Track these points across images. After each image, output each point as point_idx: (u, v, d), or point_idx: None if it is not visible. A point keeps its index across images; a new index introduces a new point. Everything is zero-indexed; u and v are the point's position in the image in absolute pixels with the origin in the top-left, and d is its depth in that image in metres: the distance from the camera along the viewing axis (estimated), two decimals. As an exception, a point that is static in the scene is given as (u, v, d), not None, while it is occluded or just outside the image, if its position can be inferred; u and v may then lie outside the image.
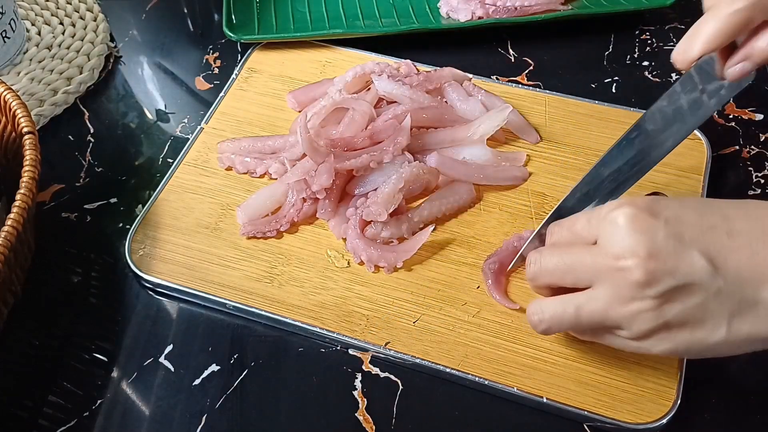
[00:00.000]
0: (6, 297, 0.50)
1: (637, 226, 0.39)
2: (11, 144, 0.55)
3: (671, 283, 0.38)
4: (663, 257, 0.38)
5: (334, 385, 0.49)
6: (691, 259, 0.38)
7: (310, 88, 0.65)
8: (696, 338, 0.40)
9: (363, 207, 0.54)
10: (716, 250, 0.39)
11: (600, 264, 0.40)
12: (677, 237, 0.39)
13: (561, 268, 0.43)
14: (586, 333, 0.45)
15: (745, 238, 0.39)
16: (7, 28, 0.67)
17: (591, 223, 0.42)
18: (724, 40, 0.46)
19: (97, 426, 0.48)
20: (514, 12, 0.71)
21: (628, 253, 0.39)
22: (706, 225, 0.39)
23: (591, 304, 0.41)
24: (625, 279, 0.39)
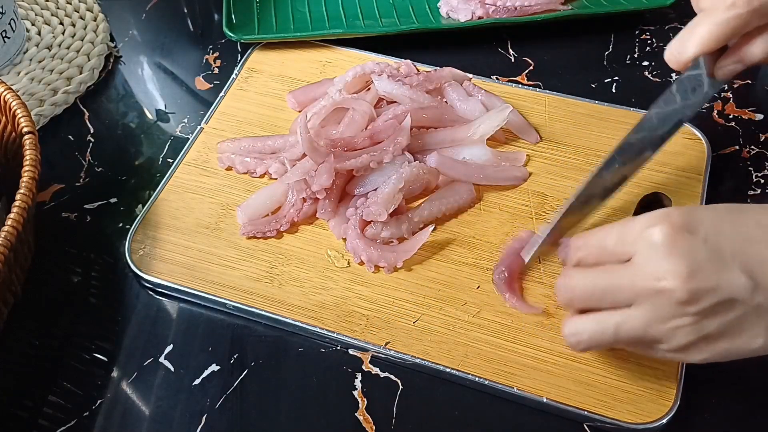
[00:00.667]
0: (6, 297, 0.50)
1: (676, 245, 0.39)
2: (11, 144, 0.55)
3: (712, 301, 0.38)
4: (704, 277, 0.38)
5: (334, 385, 0.49)
6: (731, 277, 0.38)
7: (310, 88, 0.65)
8: (734, 347, 0.40)
9: (363, 207, 0.54)
10: (755, 264, 0.38)
11: (639, 285, 0.40)
12: (717, 255, 0.38)
13: (597, 292, 0.41)
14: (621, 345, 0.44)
15: None
16: (7, 28, 0.67)
17: (625, 240, 0.41)
18: (718, 43, 0.47)
19: (97, 426, 0.48)
20: (514, 12, 0.71)
21: (669, 275, 0.38)
22: (743, 237, 0.39)
23: (630, 322, 0.41)
24: (666, 299, 0.39)
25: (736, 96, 0.66)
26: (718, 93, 0.66)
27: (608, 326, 0.41)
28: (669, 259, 0.38)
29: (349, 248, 0.54)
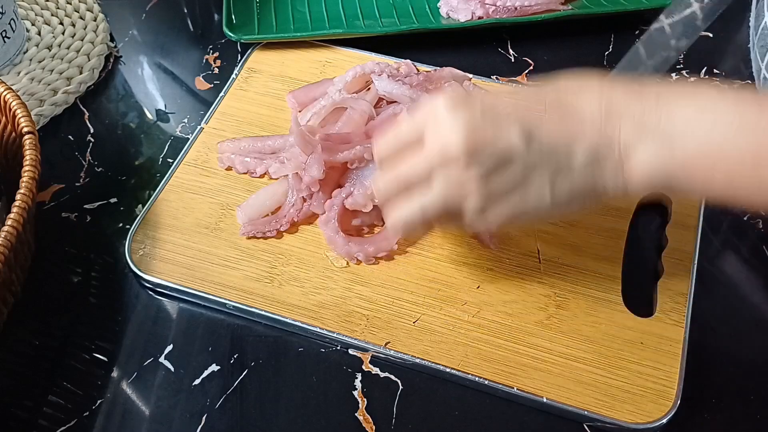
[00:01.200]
0: (6, 297, 0.50)
1: (455, 111, 0.42)
2: (11, 144, 0.55)
3: (492, 159, 0.41)
4: (481, 133, 0.41)
5: (334, 385, 0.49)
6: (507, 135, 0.41)
7: (310, 88, 0.65)
8: (527, 203, 0.43)
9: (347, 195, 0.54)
10: (529, 122, 0.42)
11: (429, 159, 0.43)
12: (493, 117, 0.42)
13: (401, 183, 0.45)
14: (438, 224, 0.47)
15: (553, 109, 0.42)
16: (7, 28, 0.67)
17: (415, 122, 0.44)
18: None
19: (97, 426, 0.48)
20: (514, 12, 0.71)
21: (449, 137, 0.41)
22: (518, 102, 0.43)
23: (431, 199, 0.44)
24: (451, 162, 0.42)
25: (736, 96, 0.66)
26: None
27: (415, 209, 0.45)
28: (449, 124, 0.42)
29: (327, 242, 0.54)
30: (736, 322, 0.52)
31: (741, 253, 0.56)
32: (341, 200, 0.54)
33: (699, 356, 0.49)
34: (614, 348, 0.49)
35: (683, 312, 0.51)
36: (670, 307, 0.51)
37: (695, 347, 0.49)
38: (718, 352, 0.50)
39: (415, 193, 0.44)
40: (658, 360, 0.49)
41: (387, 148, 0.46)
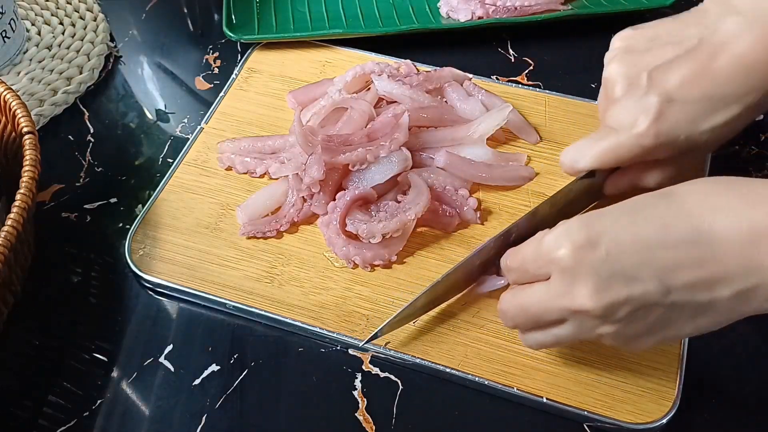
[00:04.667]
0: (6, 297, 0.50)
1: (581, 264, 0.39)
2: (11, 144, 0.55)
3: (627, 310, 0.39)
4: (614, 292, 0.39)
5: (334, 385, 0.49)
6: (641, 286, 0.39)
7: (310, 88, 0.65)
8: (666, 337, 0.41)
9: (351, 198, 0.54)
10: (663, 269, 0.38)
11: (559, 306, 0.41)
12: (622, 267, 0.39)
13: (530, 317, 0.43)
14: None
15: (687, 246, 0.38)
16: (7, 28, 0.67)
17: (539, 262, 0.42)
18: (615, 164, 0.48)
19: (97, 426, 0.48)
20: (514, 12, 0.71)
21: (579, 297, 0.39)
22: (646, 244, 0.39)
23: (564, 335, 0.43)
24: (585, 316, 0.40)
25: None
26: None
27: (548, 339, 0.44)
28: (576, 282, 0.39)
29: (327, 243, 0.54)
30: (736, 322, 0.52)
31: None
32: (345, 202, 0.54)
33: (699, 356, 0.49)
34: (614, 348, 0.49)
35: (683, 312, 0.51)
36: (670, 307, 0.51)
37: (695, 347, 0.49)
38: (718, 352, 0.50)
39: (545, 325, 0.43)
40: (658, 360, 0.49)
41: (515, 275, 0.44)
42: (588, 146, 0.48)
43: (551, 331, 0.43)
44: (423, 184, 0.55)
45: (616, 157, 0.47)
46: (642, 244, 0.39)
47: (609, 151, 0.47)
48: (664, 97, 0.45)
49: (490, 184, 0.58)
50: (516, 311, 0.44)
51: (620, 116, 0.47)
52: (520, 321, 0.44)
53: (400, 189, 0.57)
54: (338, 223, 0.53)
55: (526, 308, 0.43)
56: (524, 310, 0.43)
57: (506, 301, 0.45)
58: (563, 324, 0.42)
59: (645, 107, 0.45)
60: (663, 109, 0.45)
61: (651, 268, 0.38)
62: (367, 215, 0.54)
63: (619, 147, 0.47)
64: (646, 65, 0.47)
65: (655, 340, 0.41)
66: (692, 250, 0.38)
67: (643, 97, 0.46)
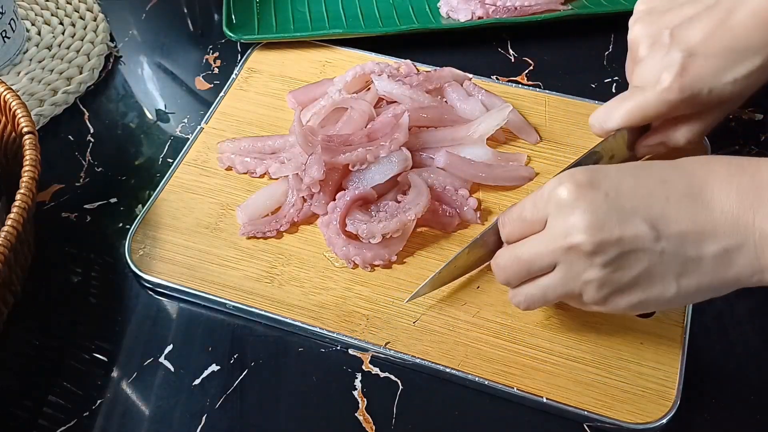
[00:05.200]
0: (6, 297, 0.50)
1: (580, 201, 0.41)
2: (11, 144, 0.55)
3: (617, 251, 0.40)
4: (608, 228, 0.40)
5: (334, 385, 0.49)
6: (634, 228, 0.40)
7: (310, 88, 0.65)
8: (650, 296, 0.42)
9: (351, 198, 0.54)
10: (657, 216, 0.40)
11: (553, 246, 0.42)
12: (619, 208, 0.40)
13: (523, 266, 0.44)
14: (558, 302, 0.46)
15: (682, 199, 0.40)
16: (7, 28, 0.67)
17: (537, 206, 0.43)
18: (643, 121, 0.49)
19: (97, 426, 0.48)
20: (514, 12, 0.71)
21: (574, 230, 0.41)
22: (644, 192, 0.41)
23: (552, 285, 0.44)
24: (576, 254, 0.41)
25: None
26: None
27: (537, 292, 0.45)
28: (574, 214, 0.41)
29: (327, 243, 0.54)
30: (736, 322, 0.52)
31: None
32: (345, 202, 0.54)
33: (699, 356, 0.49)
34: (614, 348, 0.49)
35: (683, 312, 0.51)
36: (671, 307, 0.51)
37: (695, 347, 0.50)
38: (718, 352, 0.50)
39: (536, 274, 0.44)
40: (658, 360, 0.49)
41: (510, 226, 0.45)
42: (616, 106, 0.50)
43: (540, 282, 0.44)
44: (423, 185, 0.55)
45: (643, 115, 0.48)
46: (640, 191, 0.41)
47: (637, 109, 0.48)
48: (687, 53, 0.46)
49: (490, 184, 0.58)
50: (508, 261, 0.45)
51: (645, 74, 0.48)
52: (511, 272, 0.45)
53: (400, 189, 0.57)
54: (338, 224, 0.53)
55: (518, 256, 0.44)
56: (517, 259, 0.44)
57: (500, 254, 0.46)
58: (554, 270, 0.43)
59: (669, 63, 0.47)
60: (686, 64, 0.46)
61: (646, 214, 0.40)
62: (367, 215, 0.54)
63: (647, 104, 0.48)
64: (668, 24, 0.49)
65: (638, 299, 0.42)
66: (687, 204, 0.40)
67: (667, 54, 0.47)
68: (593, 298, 0.43)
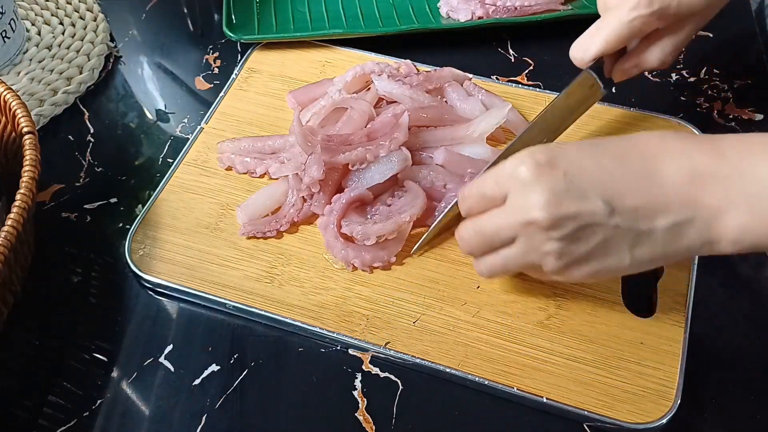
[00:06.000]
0: (6, 297, 0.50)
1: (540, 179, 0.42)
2: (11, 144, 0.55)
3: (574, 226, 0.42)
4: (565, 205, 0.42)
5: (334, 385, 0.49)
6: (590, 204, 0.42)
7: (310, 88, 0.65)
8: (605, 266, 0.44)
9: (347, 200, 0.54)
10: (612, 193, 0.42)
11: (513, 221, 0.44)
12: (576, 186, 0.42)
13: (486, 238, 0.46)
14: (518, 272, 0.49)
15: (636, 177, 0.42)
16: (7, 28, 0.67)
17: (498, 182, 0.44)
18: (621, 42, 0.51)
19: (97, 426, 0.48)
20: (514, 12, 0.71)
21: (534, 206, 0.42)
22: (601, 170, 0.43)
23: (512, 256, 0.45)
24: (534, 228, 0.43)
25: (736, 96, 0.66)
26: (717, 93, 0.66)
27: (499, 262, 0.46)
28: (533, 192, 0.42)
29: (326, 246, 0.54)
30: (736, 322, 0.52)
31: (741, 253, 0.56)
32: (341, 205, 0.54)
33: (699, 356, 0.49)
34: (614, 348, 0.49)
35: (683, 312, 0.51)
36: (670, 307, 0.51)
37: (695, 347, 0.50)
38: (718, 352, 0.50)
39: (498, 246, 0.46)
40: (658, 360, 0.49)
41: (470, 201, 0.47)
42: (593, 34, 0.52)
43: (501, 253, 0.46)
44: (419, 189, 0.55)
45: (619, 37, 0.50)
46: (597, 169, 0.43)
47: (612, 32, 0.50)
48: None
49: None
50: (471, 233, 0.47)
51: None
52: (474, 243, 0.47)
53: (398, 186, 0.57)
54: (335, 226, 0.53)
55: (480, 228, 0.46)
56: (479, 232, 0.46)
57: (463, 226, 0.48)
58: (515, 243, 0.45)
59: None
60: None
61: (602, 190, 0.42)
62: (363, 217, 0.54)
63: (620, 25, 0.50)
64: None
65: (594, 268, 0.44)
66: (641, 180, 0.42)
67: None
68: (552, 268, 0.44)
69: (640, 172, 0.42)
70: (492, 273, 0.48)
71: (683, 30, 0.51)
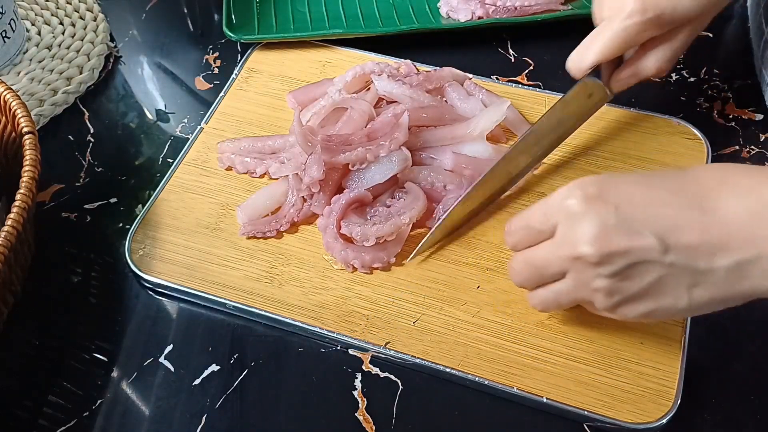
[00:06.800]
0: (6, 297, 0.50)
1: (590, 213, 0.41)
2: (11, 144, 0.55)
3: (625, 263, 0.40)
4: (616, 240, 0.40)
5: (334, 385, 0.49)
6: (642, 240, 0.40)
7: (310, 88, 0.65)
8: (662, 306, 0.42)
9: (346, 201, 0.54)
10: (666, 228, 0.40)
11: (562, 255, 0.43)
12: (627, 220, 0.40)
13: (535, 272, 0.45)
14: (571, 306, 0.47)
15: (694, 211, 0.40)
16: (7, 28, 0.67)
17: (547, 215, 0.43)
18: (617, 51, 0.51)
19: (97, 426, 0.48)
20: (514, 12, 0.71)
21: (582, 240, 0.41)
22: (655, 203, 0.41)
23: (563, 291, 0.44)
24: (583, 264, 0.42)
25: (736, 96, 0.66)
26: (717, 93, 0.66)
27: (550, 297, 0.45)
28: (582, 225, 0.41)
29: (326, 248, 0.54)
30: (736, 322, 0.52)
31: None
32: (340, 206, 0.53)
33: (699, 356, 0.49)
34: (614, 348, 0.49)
35: (683, 312, 0.51)
36: (670, 307, 0.51)
37: (695, 347, 0.49)
38: (718, 352, 0.50)
39: (548, 279, 0.45)
40: (658, 360, 0.49)
41: (518, 234, 0.46)
42: (589, 44, 0.52)
43: (552, 287, 0.45)
44: (419, 190, 0.55)
45: (614, 45, 0.50)
46: (651, 202, 0.41)
47: (608, 41, 0.50)
48: None
49: None
50: (521, 266, 0.46)
51: (611, 5, 0.50)
52: (525, 276, 0.46)
53: (398, 187, 0.57)
54: (335, 227, 0.53)
55: (530, 261, 0.45)
56: (528, 264, 0.45)
57: (515, 258, 0.47)
58: (563, 279, 0.44)
59: None
60: None
61: (655, 225, 0.40)
62: (362, 218, 0.54)
63: (615, 34, 0.50)
64: None
65: (648, 308, 0.42)
66: (698, 215, 0.40)
67: None
68: (603, 306, 0.43)
69: (699, 206, 0.40)
70: (545, 307, 0.47)
71: (679, 37, 0.51)
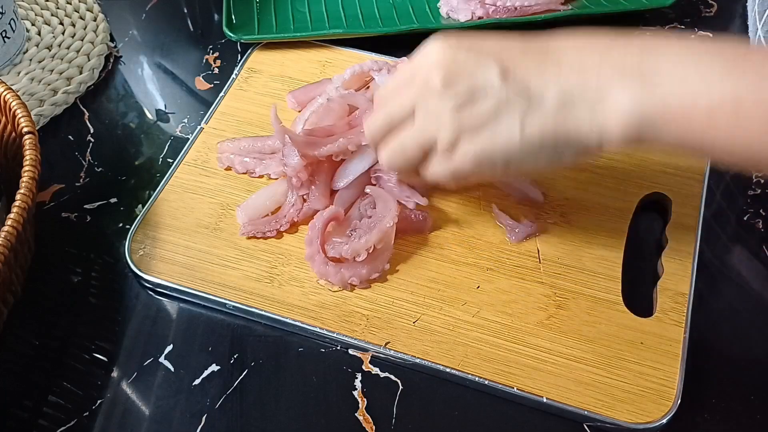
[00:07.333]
0: (6, 297, 0.50)
1: (444, 48, 0.44)
2: (11, 144, 0.55)
3: (467, 85, 0.43)
4: (461, 64, 0.43)
5: (334, 385, 0.49)
6: (485, 67, 0.43)
7: (310, 88, 0.65)
8: (496, 141, 0.43)
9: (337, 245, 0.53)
10: (508, 61, 0.43)
11: (414, 92, 0.45)
12: (474, 49, 0.44)
13: (387, 118, 0.47)
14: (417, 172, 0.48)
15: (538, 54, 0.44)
16: (7, 28, 0.67)
17: (412, 63, 0.46)
18: None
19: (97, 426, 0.48)
20: (514, 12, 0.71)
21: (432, 64, 0.44)
22: (502, 44, 0.45)
23: (411, 134, 0.46)
24: (430, 88, 0.44)
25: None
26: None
27: (396, 146, 0.47)
28: (434, 55, 0.44)
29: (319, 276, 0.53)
30: (737, 322, 0.52)
31: (741, 253, 0.56)
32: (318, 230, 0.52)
33: (699, 356, 0.49)
34: (614, 348, 0.49)
35: (683, 312, 0.51)
36: (670, 307, 0.51)
37: (695, 347, 0.49)
38: (718, 352, 0.50)
39: (400, 131, 0.47)
40: (658, 360, 0.49)
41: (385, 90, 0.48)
42: None
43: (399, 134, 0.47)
44: (385, 193, 0.55)
45: None
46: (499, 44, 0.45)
47: None
48: None
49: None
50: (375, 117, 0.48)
51: None
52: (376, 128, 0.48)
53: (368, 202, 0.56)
54: (321, 252, 0.52)
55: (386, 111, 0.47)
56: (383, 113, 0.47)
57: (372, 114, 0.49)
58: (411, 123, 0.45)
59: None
60: None
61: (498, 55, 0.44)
62: (345, 237, 0.54)
63: None
64: None
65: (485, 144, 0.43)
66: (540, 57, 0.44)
67: None
68: (443, 143, 0.44)
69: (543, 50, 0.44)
70: (391, 160, 0.48)
71: None
